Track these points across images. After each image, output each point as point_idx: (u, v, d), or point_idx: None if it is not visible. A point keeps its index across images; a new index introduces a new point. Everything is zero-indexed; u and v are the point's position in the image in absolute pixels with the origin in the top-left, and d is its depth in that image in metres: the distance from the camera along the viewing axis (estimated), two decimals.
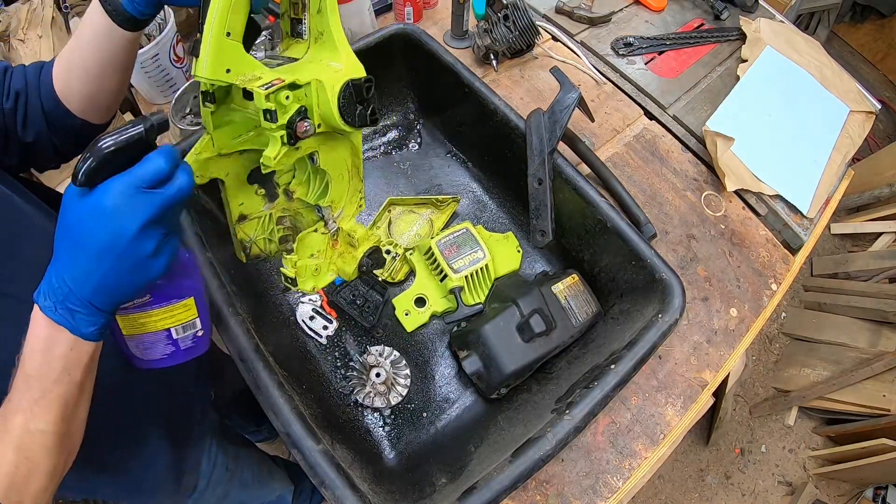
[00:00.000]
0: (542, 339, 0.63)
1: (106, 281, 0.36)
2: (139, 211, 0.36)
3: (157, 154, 0.37)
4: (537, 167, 0.68)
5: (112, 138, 0.35)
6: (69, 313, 0.36)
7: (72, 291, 0.36)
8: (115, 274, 0.36)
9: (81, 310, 0.36)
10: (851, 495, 1.51)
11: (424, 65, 0.80)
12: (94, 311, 0.37)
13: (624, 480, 0.62)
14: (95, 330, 0.38)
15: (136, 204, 0.36)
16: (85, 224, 0.36)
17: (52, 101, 0.54)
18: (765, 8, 1.11)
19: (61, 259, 0.37)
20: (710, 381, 0.68)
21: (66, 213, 0.37)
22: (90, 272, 0.36)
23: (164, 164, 0.36)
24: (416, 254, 0.76)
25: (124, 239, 0.36)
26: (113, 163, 0.35)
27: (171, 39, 0.85)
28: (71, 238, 0.36)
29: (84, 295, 0.36)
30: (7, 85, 0.52)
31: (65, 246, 0.37)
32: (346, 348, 0.72)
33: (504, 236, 0.79)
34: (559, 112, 0.67)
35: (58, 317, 0.36)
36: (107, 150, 0.35)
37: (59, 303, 0.36)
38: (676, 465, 1.58)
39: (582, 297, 0.67)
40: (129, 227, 0.35)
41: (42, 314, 0.36)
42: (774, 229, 0.83)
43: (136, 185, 0.36)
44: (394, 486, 0.55)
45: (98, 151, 0.35)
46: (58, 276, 0.36)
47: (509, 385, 0.64)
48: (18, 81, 0.53)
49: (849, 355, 1.56)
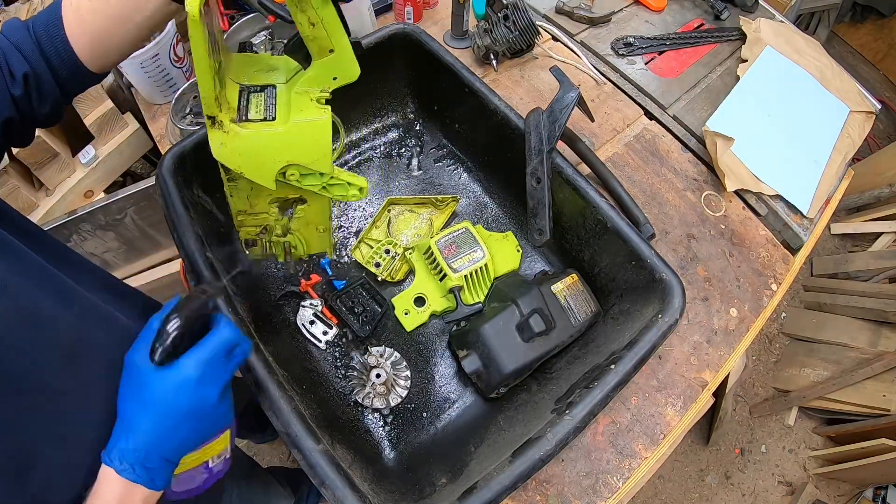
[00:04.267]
0: (542, 338, 0.63)
1: (184, 442, 0.39)
2: (219, 379, 0.40)
3: (226, 325, 0.40)
4: (536, 166, 0.68)
5: (184, 316, 0.39)
6: (146, 472, 0.37)
7: (149, 454, 0.37)
8: (195, 435, 0.40)
9: (158, 468, 0.38)
10: (851, 495, 1.51)
11: (424, 65, 0.80)
12: (168, 466, 0.39)
13: (624, 480, 0.62)
14: (166, 482, 0.39)
15: (216, 374, 0.39)
16: (169, 394, 0.38)
17: (68, 68, 0.47)
18: (765, 8, 1.11)
19: (138, 426, 0.38)
20: (710, 381, 0.68)
21: (141, 384, 0.38)
22: (171, 436, 0.38)
23: (234, 335, 0.40)
24: (416, 253, 0.76)
25: (209, 405, 0.39)
26: (187, 338, 0.39)
27: (171, 39, 0.85)
28: (150, 408, 0.38)
29: (162, 455, 0.38)
30: (8, 68, 0.45)
31: (142, 414, 0.38)
32: (347, 349, 0.72)
33: (503, 235, 0.79)
34: (558, 111, 0.67)
35: (135, 476, 0.37)
36: (183, 327, 0.38)
37: (137, 464, 0.37)
38: (676, 465, 1.58)
39: (581, 296, 0.67)
40: (212, 394, 0.39)
41: (116, 475, 0.37)
42: (774, 229, 0.83)
43: (219, 355, 0.39)
44: (394, 486, 0.55)
45: (176, 330, 0.38)
46: (135, 442, 0.37)
47: (508, 384, 0.64)
48: (18, 60, 0.45)
49: (849, 355, 1.56)
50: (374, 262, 0.76)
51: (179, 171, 0.64)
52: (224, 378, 0.40)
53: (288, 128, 0.43)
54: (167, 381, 0.38)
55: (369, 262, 0.76)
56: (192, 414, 0.38)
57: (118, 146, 0.97)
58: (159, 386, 0.38)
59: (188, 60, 0.93)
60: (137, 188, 0.94)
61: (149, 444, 0.38)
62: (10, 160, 0.87)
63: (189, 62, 0.93)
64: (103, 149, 0.96)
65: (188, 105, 0.89)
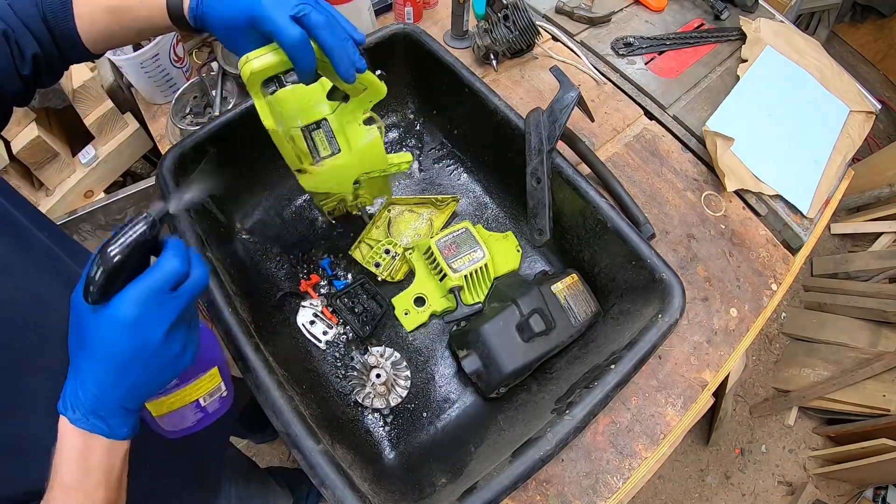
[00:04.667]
0: (542, 338, 0.62)
1: (135, 387, 0.36)
2: (163, 317, 0.35)
3: (171, 255, 0.35)
4: (536, 166, 0.68)
5: (118, 246, 0.33)
6: (101, 421, 0.35)
7: (100, 401, 0.35)
8: (144, 379, 0.36)
9: (114, 416, 0.35)
10: (851, 495, 1.51)
11: (425, 65, 0.80)
12: (127, 413, 0.36)
13: (624, 480, 0.62)
14: (129, 430, 0.37)
15: (158, 311, 0.34)
16: (105, 338, 0.34)
17: (74, 51, 0.50)
18: (765, 8, 1.11)
19: (83, 372, 0.35)
20: (710, 381, 0.68)
21: (80, 326, 0.35)
22: (118, 382, 0.35)
23: (180, 266, 0.35)
24: (416, 253, 0.76)
25: (151, 346, 0.35)
26: (123, 270, 0.34)
27: (171, 39, 0.85)
28: (91, 352, 0.35)
29: (114, 402, 0.35)
30: (18, 48, 0.47)
31: (84, 358, 0.35)
32: (347, 349, 0.72)
33: (503, 235, 0.79)
34: (558, 111, 0.67)
35: (90, 426, 0.35)
36: (115, 261, 0.33)
37: (90, 413, 0.34)
38: (676, 465, 1.58)
39: (581, 296, 0.67)
40: (155, 334, 0.35)
41: (72, 425, 0.35)
42: (774, 229, 0.83)
43: (156, 292, 0.34)
44: (394, 487, 0.55)
45: (107, 264, 0.33)
46: (83, 389, 0.35)
47: (508, 385, 0.64)
48: (27, 40, 0.47)
49: (849, 355, 1.56)
50: (373, 263, 0.76)
51: (180, 171, 0.64)
52: (170, 316, 0.35)
53: (353, 154, 0.55)
54: (101, 322, 0.34)
55: (369, 263, 0.76)
56: (136, 358, 0.34)
57: (118, 146, 0.97)
58: (94, 328, 0.34)
59: (188, 60, 0.93)
60: (137, 188, 0.94)
61: (97, 390, 0.34)
62: (10, 160, 0.87)
63: (189, 62, 0.93)
64: (103, 149, 0.96)
65: (188, 105, 0.89)
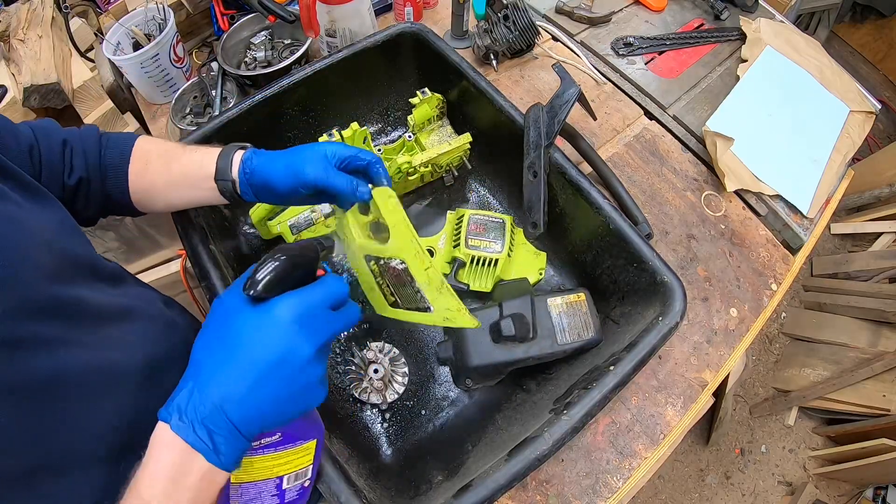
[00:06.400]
0: (513, 344, 0.61)
1: (264, 404, 0.31)
2: (318, 332, 0.33)
3: (335, 278, 0.35)
4: (533, 160, 0.68)
5: (291, 247, 0.33)
6: (209, 435, 0.30)
7: (217, 411, 0.30)
8: (276, 398, 0.32)
9: (224, 433, 0.30)
10: (851, 495, 1.51)
11: (430, 64, 0.80)
12: (238, 438, 0.31)
13: (624, 480, 0.62)
14: (233, 461, 0.31)
15: (315, 324, 0.33)
16: (254, 338, 0.31)
17: (122, 195, 0.52)
18: (765, 8, 1.11)
19: (211, 373, 0.31)
20: (710, 381, 0.68)
21: (227, 321, 0.32)
22: (249, 392, 0.31)
23: (344, 287, 0.35)
24: (451, 216, 0.79)
25: (299, 359, 0.32)
26: (289, 278, 0.33)
27: (171, 39, 0.85)
28: (230, 351, 0.31)
29: (233, 416, 0.30)
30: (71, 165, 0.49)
31: (218, 358, 0.32)
32: (347, 343, 0.72)
33: (536, 252, 0.77)
34: (558, 106, 0.67)
35: (194, 438, 0.30)
36: (289, 261, 0.32)
37: (200, 422, 0.30)
38: (676, 465, 1.58)
39: (581, 318, 0.63)
40: (307, 347, 0.32)
41: (173, 434, 0.30)
42: (774, 229, 0.83)
43: (322, 305, 0.33)
44: (390, 483, 0.56)
45: (282, 262, 0.32)
46: (201, 392, 0.31)
47: (475, 381, 0.66)
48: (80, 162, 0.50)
49: (849, 355, 1.56)
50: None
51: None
52: (323, 335, 0.33)
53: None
54: (259, 317, 0.31)
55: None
56: (280, 366, 0.31)
57: None
58: (248, 322, 0.31)
59: (188, 60, 0.93)
60: None
61: (219, 398, 0.30)
62: None
63: (189, 62, 0.93)
64: None
65: (188, 105, 0.89)
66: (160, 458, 0.30)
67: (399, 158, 0.75)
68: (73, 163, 0.49)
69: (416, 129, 0.82)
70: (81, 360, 0.37)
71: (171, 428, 0.30)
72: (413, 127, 0.81)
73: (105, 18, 0.96)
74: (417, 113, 0.80)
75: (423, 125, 0.83)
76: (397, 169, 0.75)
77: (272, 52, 0.96)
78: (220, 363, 0.31)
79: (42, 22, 0.95)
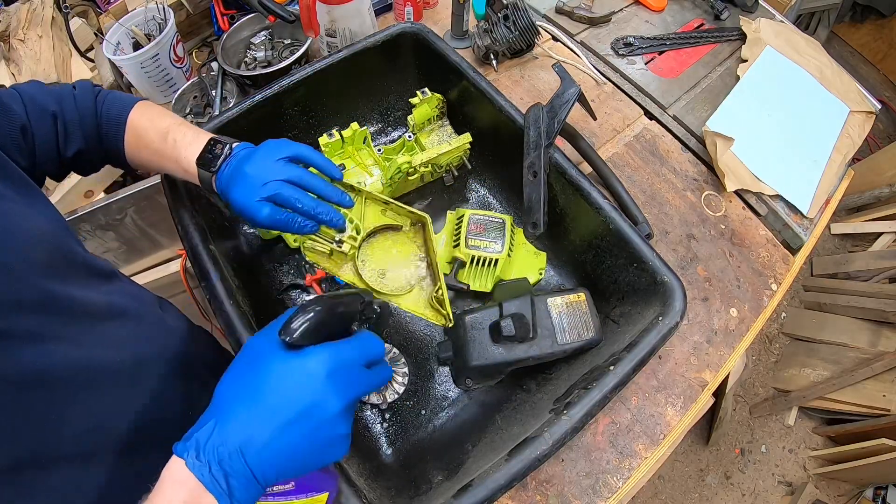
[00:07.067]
0: (513, 344, 0.61)
1: (284, 453, 0.31)
2: (351, 388, 0.33)
3: (372, 336, 0.35)
4: (533, 159, 0.68)
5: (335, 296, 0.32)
6: (224, 478, 0.29)
7: (237, 454, 0.30)
8: (298, 449, 0.31)
9: (241, 478, 0.30)
10: (851, 495, 1.51)
11: (430, 64, 0.80)
12: (254, 484, 0.30)
13: (624, 480, 0.62)
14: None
15: (350, 380, 0.33)
16: (284, 384, 0.31)
17: (117, 160, 0.55)
18: (765, 8, 1.11)
19: (235, 413, 0.31)
20: (710, 381, 0.68)
21: (257, 363, 0.32)
22: (271, 439, 0.30)
23: (381, 346, 0.34)
24: (451, 216, 0.79)
25: (327, 413, 0.31)
26: (326, 328, 0.32)
27: (171, 39, 0.85)
28: (257, 394, 0.31)
29: (251, 462, 0.30)
30: (66, 133, 0.50)
31: (244, 399, 0.31)
32: None
33: (537, 253, 0.77)
34: (559, 106, 0.67)
35: (209, 479, 0.29)
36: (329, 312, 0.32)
37: (217, 462, 0.29)
38: (676, 465, 1.58)
39: (581, 318, 0.63)
40: (336, 402, 0.32)
41: (188, 472, 0.29)
42: (774, 229, 0.83)
43: (358, 362, 0.33)
44: (390, 482, 0.56)
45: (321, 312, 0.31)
46: (222, 433, 0.30)
47: (476, 381, 0.66)
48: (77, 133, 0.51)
49: (849, 355, 1.57)
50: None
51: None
52: (354, 392, 0.33)
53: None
54: (292, 364, 0.31)
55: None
56: (306, 417, 0.31)
57: None
58: (280, 367, 0.31)
59: (188, 60, 0.93)
60: (137, 188, 0.94)
61: (240, 441, 0.30)
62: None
63: (189, 62, 0.93)
64: None
65: (188, 105, 0.89)
66: (172, 496, 0.29)
67: (399, 158, 0.75)
68: (69, 135, 0.50)
69: (416, 129, 0.82)
70: (69, 356, 0.37)
71: (186, 465, 0.30)
72: (413, 127, 0.81)
73: (105, 18, 0.96)
74: (417, 113, 0.80)
75: (423, 125, 0.83)
76: (397, 169, 0.75)
77: (272, 52, 0.96)
78: (246, 405, 0.31)
79: (42, 22, 0.95)
